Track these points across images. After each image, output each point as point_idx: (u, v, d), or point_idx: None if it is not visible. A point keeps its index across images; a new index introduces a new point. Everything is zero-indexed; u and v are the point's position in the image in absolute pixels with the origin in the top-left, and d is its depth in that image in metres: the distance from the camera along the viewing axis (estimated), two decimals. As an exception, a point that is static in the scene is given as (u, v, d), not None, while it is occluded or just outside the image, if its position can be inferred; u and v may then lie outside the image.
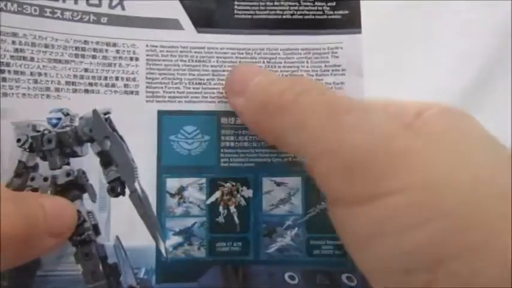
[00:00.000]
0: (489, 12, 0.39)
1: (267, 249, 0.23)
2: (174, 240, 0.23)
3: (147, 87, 0.23)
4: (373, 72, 0.24)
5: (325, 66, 0.24)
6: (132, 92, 0.23)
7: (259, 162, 0.23)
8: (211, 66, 0.23)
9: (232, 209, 0.23)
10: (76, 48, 0.23)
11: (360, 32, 0.24)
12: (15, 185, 0.22)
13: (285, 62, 0.24)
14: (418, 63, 0.39)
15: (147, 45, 0.23)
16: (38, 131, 0.22)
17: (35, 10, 0.22)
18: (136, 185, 0.23)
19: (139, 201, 0.23)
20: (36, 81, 0.22)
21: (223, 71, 0.23)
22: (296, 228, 0.23)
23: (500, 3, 0.40)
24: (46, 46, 0.22)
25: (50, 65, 0.22)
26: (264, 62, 0.24)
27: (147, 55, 0.23)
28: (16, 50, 0.22)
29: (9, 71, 0.22)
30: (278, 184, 0.24)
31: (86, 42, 0.23)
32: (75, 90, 0.23)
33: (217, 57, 0.23)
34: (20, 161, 0.22)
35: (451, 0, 0.40)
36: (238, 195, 0.23)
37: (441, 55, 0.39)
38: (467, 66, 0.39)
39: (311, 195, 0.24)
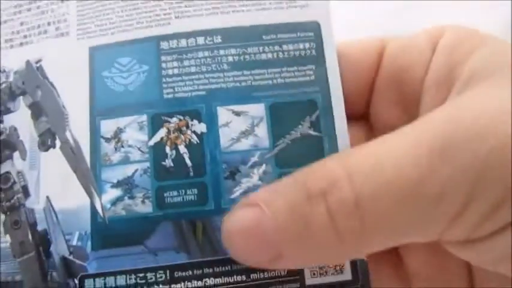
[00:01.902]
0: (489, 12, 0.39)
1: (230, 195, 0.18)
2: (111, 194, 0.18)
3: (78, 25, 0.20)
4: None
5: None
6: (62, 34, 0.20)
7: (211, 89, 0.19)
8: (146, -12, 0.20)
9: (182, 148, 0.18)
10: (15, 6, 0.21)
11: None
12: None
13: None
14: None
15: None
16: None
17: None
18: (67, 134, 0.19)
19: (72, 153, 0.19)
20: None
21: (160, -10, 0.20)
22: (264, 165, 0.18)
23: (500, 3, 0.40)
24: None
25: None
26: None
27: None
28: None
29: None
30: (237, 113, 0.19)
31: None
32: (11, 46, 0.21)
33: (152, -22, 0.20)
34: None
35: (451, 0, 0.39)
36: (189, 132, 0.19)
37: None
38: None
39: (279, 123, 0.18)
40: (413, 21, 0.36)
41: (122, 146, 0.19)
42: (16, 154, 0.19)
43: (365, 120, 0.21)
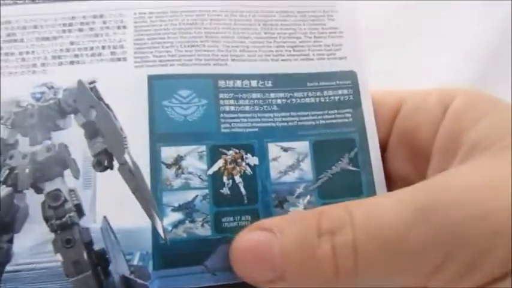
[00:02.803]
0: (489, 12, 0.40)
1: (279, 222, 0.20)
2: (173, 217, 0.20)
3: (135, 52, 0.21)
4: (373, 71, 0.23)
5: (322, 28, 0.23)
6: (119, 59, 0.21)
7: (263, 126, 0.21)
8: (204, 28, 0.22)
9: (238, 178, 0.21)
10: (63, 24, 0.22)
11: (351, -4, 0.24)
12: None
13: (281, 25, 0.23)
14: (418, 64, 0.40)
15: (135, 13, 0.22)
16: (22, 107, 0.20)
17: None
18: (126, 156, 0.20)
19: (131, 175, 0.20)
20: (23, 60, 0.21)
21: (217, 33, 0.22)
22: (308, 196, 0.21)
23: (500, 3, 0.40)
24: (35, 27, 0.22)
25: (37, 43, 0.21)
26: (259, 25, 0.22)
27: (135, 22, 0.22)
28: (8, 34, 0.22)
29: (-1, 53, 0.21)
30: (285, 149, 0.21)
31: (73, 18, 0.22)
32: (60, 63, 0.21)
33: (210, 19, 0.22)
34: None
35: (451, 0, 0.41)
36: (243, 163, 0.21)
37: (441, 56, 0.40)
38: (467, 66, 0.40)
39: (321, 159, 0.21)
40: (413, 21, 0.40)
41: (183, 173, 0.20)
42: (67, 172, 0.20)
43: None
